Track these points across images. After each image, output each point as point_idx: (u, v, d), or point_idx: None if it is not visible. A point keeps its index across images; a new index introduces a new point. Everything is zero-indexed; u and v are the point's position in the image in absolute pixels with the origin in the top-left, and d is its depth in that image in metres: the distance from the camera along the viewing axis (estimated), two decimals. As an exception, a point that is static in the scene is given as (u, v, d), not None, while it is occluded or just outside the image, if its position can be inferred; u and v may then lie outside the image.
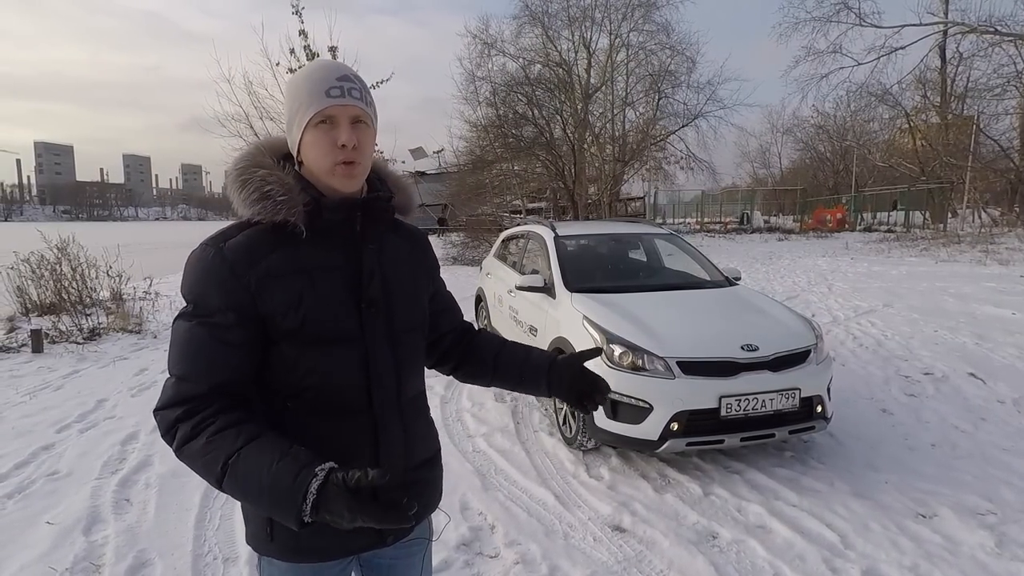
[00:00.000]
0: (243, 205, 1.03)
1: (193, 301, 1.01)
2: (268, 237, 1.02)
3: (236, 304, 0.99)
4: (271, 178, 1.02)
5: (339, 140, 1.01)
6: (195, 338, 0.99)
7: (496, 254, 6.21)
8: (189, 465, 0.95)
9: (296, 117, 1.04)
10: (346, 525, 0.83)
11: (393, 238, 1.17)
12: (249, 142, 1.11)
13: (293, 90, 1.05)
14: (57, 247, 7.55)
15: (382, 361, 1.09)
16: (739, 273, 4.68)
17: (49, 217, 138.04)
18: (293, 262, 1.02)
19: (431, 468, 1.24)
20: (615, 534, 2.75)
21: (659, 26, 20.46)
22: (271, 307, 1.00)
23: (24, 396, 4.75)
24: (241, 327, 0.99)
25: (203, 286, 0.99)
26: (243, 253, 1.00)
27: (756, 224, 27.35)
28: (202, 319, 0.99)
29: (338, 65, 1.05)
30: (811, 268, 12.69)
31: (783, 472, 3.32)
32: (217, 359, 0.99)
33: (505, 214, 18.51)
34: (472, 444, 3.79)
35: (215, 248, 1.00)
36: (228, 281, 0.98)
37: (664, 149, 22.54)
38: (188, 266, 1.02)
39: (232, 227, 1.05)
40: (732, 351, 3.24)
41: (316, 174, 1.05)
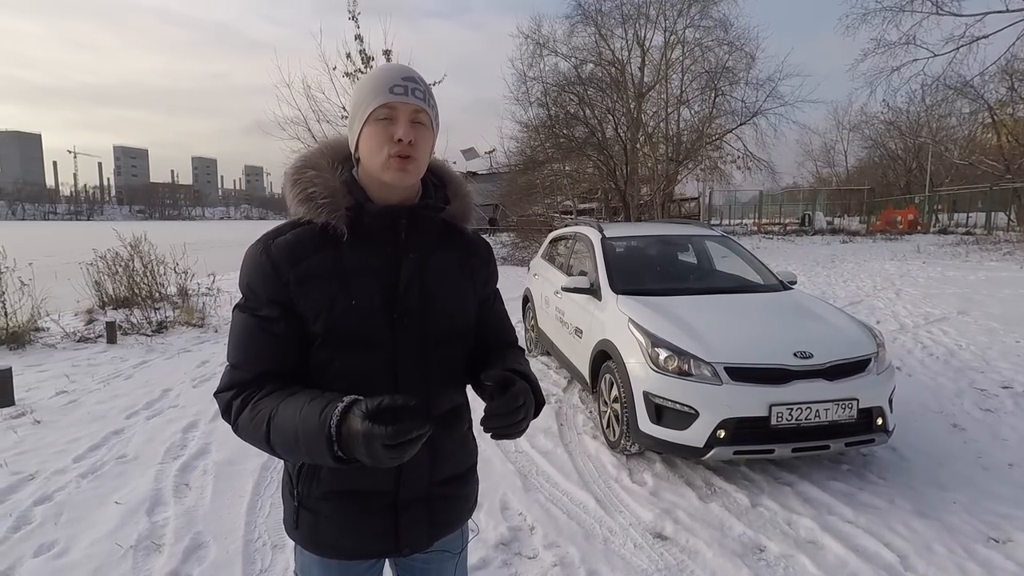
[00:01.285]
0: (293, 204, 1.06)
1: (245, 294, 1.06)
2: (314, 238, 1.04)
3: (278, 299, 1.02)
4: (317, 180, 1.05)
5: (396, 134, 1.02)
6: (245, 328, 1.04)
7: (543, 255, 6.20)
8: (245, 439, 1.01)
9: (358, 112, 1.05)
10: (364, 459, 0.84)
11: (442, 247, 1.14)
12: (315, 143, 1.13)
13: (359, 89, 1.06)
14: (130, 245, 8.06)
15: (411, 371, 1.08)
16: (794, 277, 4.49)
17: (125, 216, 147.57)
18: (332, 265, 1.03)
19: (460, 485, 1.20)
20: (656, 541, 2.69)
21: (717, 22, 19.91)
22: (305, 307, 1.03)
23: (99, 384, 5.09)
24: (284, 321, 1.03)
25: (252, 280, 1.04)
26: (287, 252, 1.03)
27: (818, 226, 26.16)
28: (252, 311, 1.04)
29: (406, 68, 1.07)
30: (877, 272, 12.03)
31: (838, 486, 3.16)
32: (264, 349, 1.03)
33: (556, 214, 18.44)
34: (514, 444, 3.78)
35: (264, 245, 1.04)
36: (271, 277, 1.02)
37: (720, 148, 21.87)
38: (245, 260, 1.07)
39: (286, 224, 1.08)
40: (784, 358, 3.11)
41: (370, 169, 1.05)
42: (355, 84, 0.99)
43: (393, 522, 1.09)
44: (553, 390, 4.83)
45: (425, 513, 1.12)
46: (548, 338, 5.31)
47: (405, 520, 1.10)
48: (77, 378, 5.24)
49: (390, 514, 1.09)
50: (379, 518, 1.09)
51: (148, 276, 8.05)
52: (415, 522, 1.11)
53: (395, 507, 1.09)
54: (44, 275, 7.20)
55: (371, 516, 1.09)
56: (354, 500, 1.07)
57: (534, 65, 19.75)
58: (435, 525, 1.15)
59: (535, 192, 19.62)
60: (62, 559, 2.55)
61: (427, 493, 1.12)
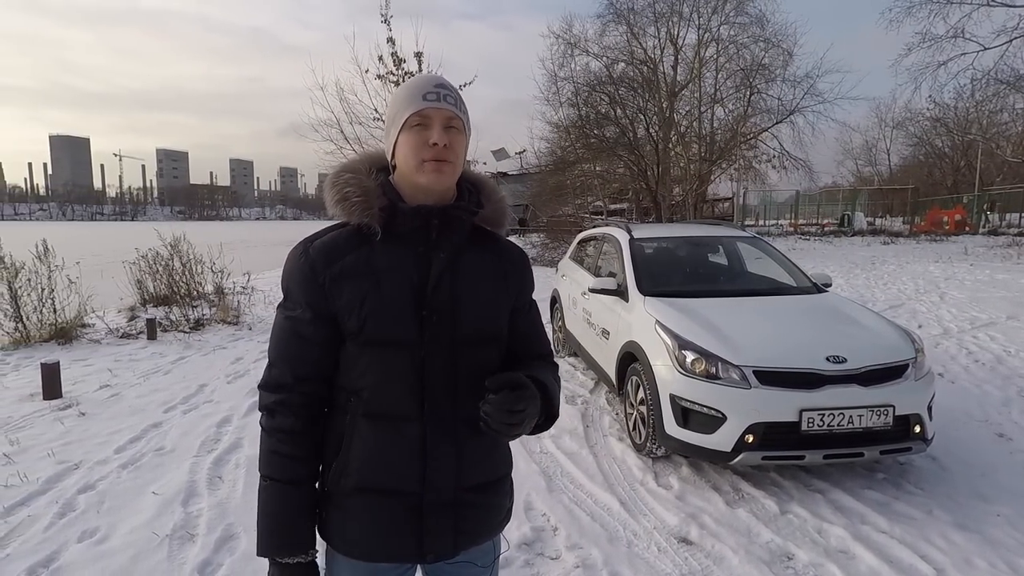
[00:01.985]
0: (330, 206, 1.10)
1: (284, 294, 1.11)
2: (350, 238, 1.08)
3: (313, 301, 1.06)
4: (353, 181, 1.08)
5: (431, 139, 1.05)
6: (282, 329, 1.10)
7: (572, 256, 6.18)
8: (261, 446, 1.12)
9: (395, 120, 1.09)
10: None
11: (474, 250, 1.15)
12: (347, 144, 1.13)
13: (394, 99, 1.11)
14: (170, 245, 8.35)
15: (438, 370, 1.08)
16: (829, 279, 4.37)
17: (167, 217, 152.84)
18: (365, 264, 1.06)
19: (490, 493, 1.17)
20: (681, 546, 2.66)
21: (753, 18, 19.50)
22: (338, 305, 1.06)
23: (139, 378, 5.29)
24: (316, 324, 1.06)
25: (290, 281, 1.09)
26: (323, 253, 1.07)
27: (858, 226, 25.34)
28: (289, 312, 1.09)
29: (437, 77, 1.11)
30: (921, 274, 11.59)
31: (872, 495, 3.06)
32: (298, 352, 1.08)
33: (586, 215, 18.35)
34: (539, 444, 3.78)
35: (303, 247, 1.09)
36: (308, 279, 1.06)
37: (755, 147, 21.40)
38: (286, 261, 1.12)
39: (327, 227, 1.13)
40: (816, 362, 3.03)
41: (405, 173, 1.08)
42: (390, 90, 1.03)
43: (417, 525, 1.08)
44: (580, 391, 4.81)
45: (451, 519, 1.10)
46: (575, 339, 5.29)
47: (429, 524, 1.09)
48: (119, 373, 5.45)
49: (414, 516, 1.08)
50: (402, 519, 1.08)
51: (186, 275, 8.33)
52: (440, 528, 1.10)
53: (420, 509, 1.08)
54: (90, 273, 7.52)
55: (394, 516, 1.08)
56: (379, 497, 1.08)
57: (565, 65, 19.73)
58: (461, 533, 1.12)
59: (565, 193, 19.57)
60: (103, 545, 2.66)
61: (453, 498, 1.10)
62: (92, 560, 2.55)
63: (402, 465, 1.07)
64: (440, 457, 1.08)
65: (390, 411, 1.07)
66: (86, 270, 7.47)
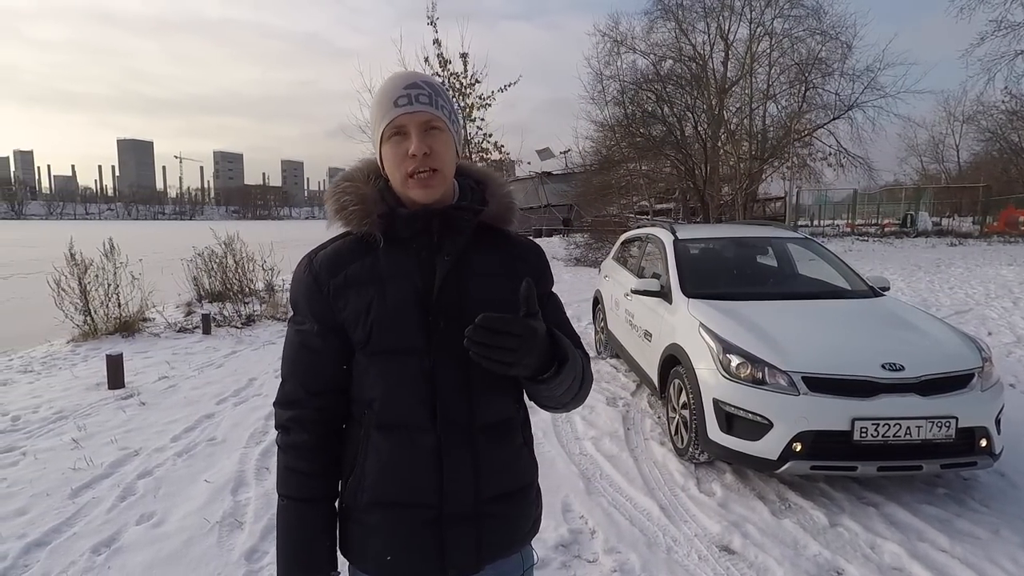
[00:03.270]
0: (331, 216, 1.08)
1: (293, 308, 1.10)
2: (353, 248, 1.06)
3: (319, 313, 1.05)
4: (350, 190, 1.05)
5: (410, 150, 0.99)
6: (292, 343, 1.08)
7: (615, 256, 6.10)
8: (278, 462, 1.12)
9: (374, 134, 1.06)
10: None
11: (482, 249, 1.09)
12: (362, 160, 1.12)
13: (372, 107, 1.07)
14: (224, 243, 8.71)
15: (450, 378, 1.03)
16: (887, 282, 4.16)
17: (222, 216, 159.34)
18: (369, 272, 1.04)
19: (514, 504, 1.11)
20: (723, 555, 2.58)
21: (809, 10, 18.71)
22: (345, 316, 1.03)
23: (194, 371, 5.54)
24: (325, 337, 1.05)
25: (298, 294, 1.08)
26: (327, 264, 1.05)
27: (922, 227, 24.03)
28: (298, 326, 1.08)
29: (408, 74, 1.03)
30: (992, 278, 10.90)
31: (932, 511, 2.90)
32: (309, 366, 1.07)
33: (631, 215, 18.11)
34: (579, 446, 3.75)
35: (308, 259, 1.07)
36: (313, 291, 1.05)
37: (810, 145, 20.56)
38: (294, 275, 1.10)
39: (332, 238, 1.11)
40: (870, 369, 2.89)
41: (396, 186, 1.05)
42: (374, 96, 0.91)
43: (438, 539, 1.04)
44: (621, 394, 4.75)
45: (473, 532, 1.05)
46: (617, 340, 5.22)
47: (451, 538, 1.04)
48: (176, 365, 5.73)
49: (434, 530, 1.04)
50: (423, 534, 1.04)
51: (239, 272, 8.68)
52: (461, 541, 1.05)
53: (439, 523, 1.03)
54: (151, 270, 7.92)
55: (413, 530, 1.04)
56: (397, 512, 1.04)
57: (611, 63, 19.47)
58: (485, 547, 1.06)
59: (610, 192, 19.35)
60: (159, 529, 2.80)
61: (474, 511, 1.05)
62: (149, 542, 2.68)
63: (417, 477, 1.03)
64: (457, 468, 1.03)
65: (402, 421, 1.03)
66: (147, 267, 7.88)
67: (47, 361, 6.00)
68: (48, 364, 5.89)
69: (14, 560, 2.55)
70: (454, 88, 19.40)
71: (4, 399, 4.76)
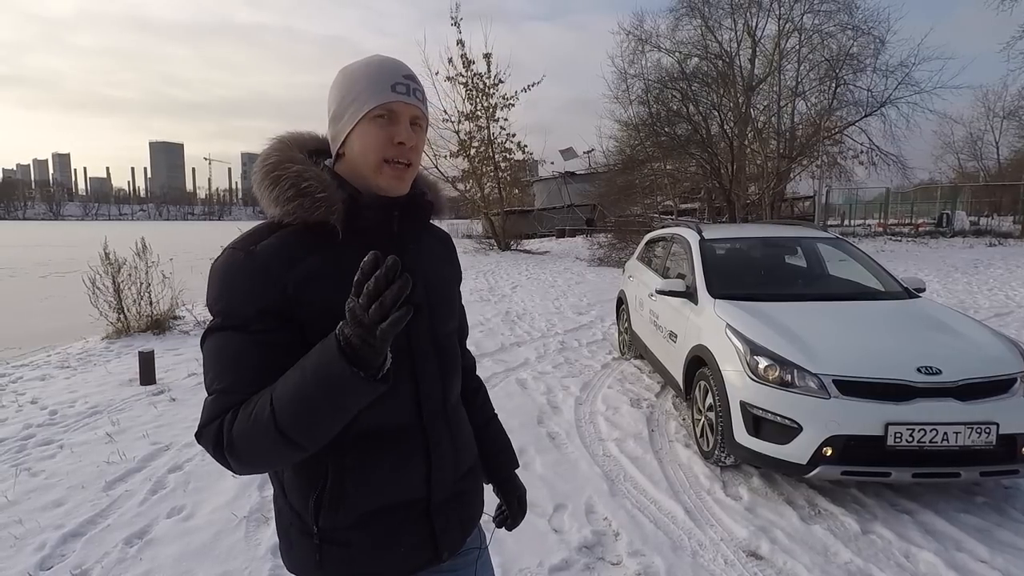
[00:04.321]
0: (274, 204, 0.94)
1: (224, 311, 0.91)
2: (303, 238, 0.94)
3: (274, 308, 0.90)
4: (307, 174, 0.94)
5: (397, 137, 0.96)
6: (234, 347, 0.89)
7: (639, 256, 6.05)
8: (245, 448, 0.85)
9: (350, 108, 0.96)
10: (374, 341, 0.75)
11: (429, 239, 1.12)
12: (273, 137, 1.02)
13: (348, 81, 0.97)
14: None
15: (429, 369, 1.03)
16: (922, 284, 4.04)
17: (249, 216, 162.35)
18: (333, 265, 0.93)
19: (475, 476, 1.17)
20: (750, 560, 2.53)
21: (840, 5, 18.24)
22: (311, 313, 0.91)
23: (225, 367, 5.64)
24: (282, 331, 0.90)
25: (234, 294, 0.90)
26: (278, 256, 0.92)
27: (959, 226, 23.28)
28: (238, 328, 0.89)
29: (404, 64, 1.00)
30: (1031, 280, 10.52)
31: (970, 520, 2.80)
32: (265, 364, 0.88)
33: (655, 215, 17.93)
34: (603, 448, 3.72)
35: (245, 252, 0.92)
36: (264, 286, 0.90)
37: (840, 142, 20.07)
38: (216, 274, 0.93)
39: (260, 229, 0.96)
40: (905, 372, 2.80)
41: (360, 170, 0.97)
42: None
43: (430, 529, 1.04)
44: (645, 395, 4.70)
45: (456, 512, 1.08)
46: (642, 341, 5.17)
47: (440, 524, 1.05)
48: (207, 362, 5.84)
49: (425, 522, 1.03)
50: (414, 529, 1.03)
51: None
52: (449, 523, 1.07)
53: (428, 513, 1.04)
54: (181, 269, 8.09)
55: (408, 529, 1.02)
56: (388, 517, 0.99)
57: (635, 62, 19.27)
58: (464, 521, 1.12)
59: (634, 192, 19.18)
60: (189, 522, 2.86)
61: (453, 490, 1.08)
62: (179, 535, 2.74)
63: (407, 475, 1.00)
64: (442, 455, 1.05)
65: (387, 423, 0.98)
66: (178, 266, 8.06)
67: (83, 357, 6.18)
68: (84, 360, 6.07)
69: (52, 549, 2.63)
70: (477, 88, 19.51)
71: (43, 394, 4.93)
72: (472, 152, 20.22)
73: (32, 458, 3.60)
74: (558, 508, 2.97)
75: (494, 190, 21.17)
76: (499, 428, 1.36)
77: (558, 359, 5.81)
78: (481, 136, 20.07)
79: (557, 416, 4.28)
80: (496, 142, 20.30)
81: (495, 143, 20.27)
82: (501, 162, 20.86)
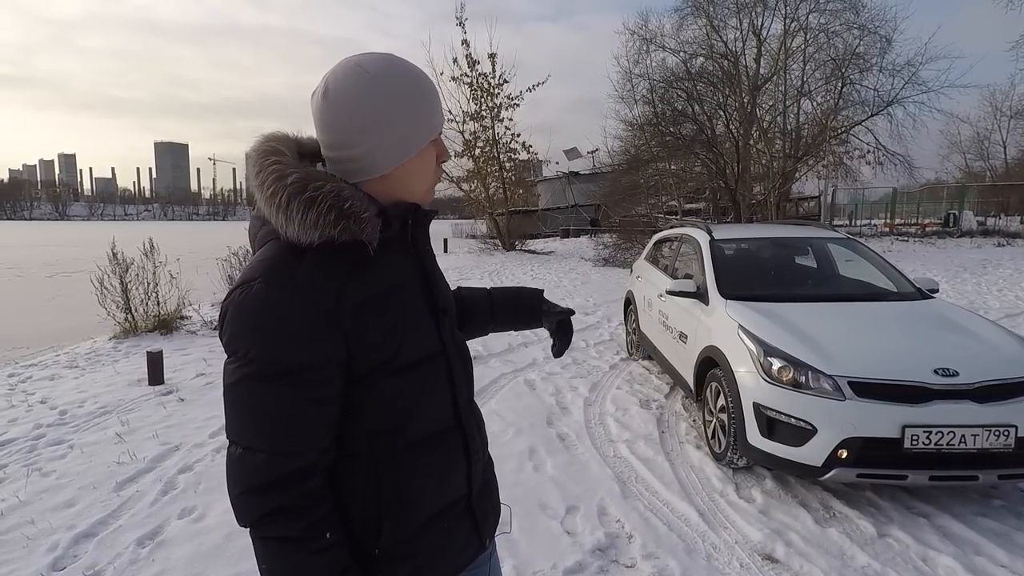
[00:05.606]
0: (312, 227, 0.84)
1: (268, 357, 0.82)
2: (339, 259, 0.87)
3: (330, 351, 0.84)
4: (345, 193, 0.86)
5: (443, 155, 1.00)
6: (283, 404, 0.83)
7: (647, 257, 6.02)
8: (267, 551, 0.87)
9: (420, 131, 0.94)
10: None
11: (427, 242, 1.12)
12: (266, 149, 0.90)
13: (413, 99, 0.92)
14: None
15: (459, 370, 1.05)
16: (935, 284, 4.00)
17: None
18: (377, 284, 0.91)
19: (492, 464, 1.20)
20: (765, 563, 2.51)
21: (846, 4, 18.15)
22: (366, 340, 0.87)
23: (233, 367, 5.64)
24: (334, 380, 0.86)
25: (285, 338, 0.82)
26: (324, 286, 0.85)
27: (966, 226, 23.14)
28: (290, 378, 0.82)
29: None
30: (1041, 280, 10.45)
31: (988, 523, 2.77)
32: (320, 423, 0.85)
33: (660, 215, 17.89)
34: (613, 449, 3.70)
35: (283, 286, 0.83)
36: (317, 325, 0.83)
37: (847, 142, 19.98)
38: (250, 312, 0.82)
39: (282, 256, 0.86)
40: (922, 374, 2.77)
41: (410, 190, 0.97)
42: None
43: (473, 521, 1.07)
44: (655, 396, 4.67)
45: (488, 498, 1.13)
46: (650, 342, 5.15)
47: (480, 514, 1.09)
48: (213, 362, 5.84)
49: (469, 515, 1.06)
50: (463, 524, 1.05)
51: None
52: (485, 512, 1.11)
53: (470, 506, 1.06)
54: (187, 269, 8.09)
55: (458, 526, 1.04)
56: (442, 519, 1.00)
57: (640, 62, 19.26)
58: (494, 507, 1.16)
59: (638, 192, 19.14)
60: (200, 523, 2.85)
61: (483, 479, 1.11)
62: (191, 536, 2.73)
63: (455, 474, 1.03)
64: (476, 449, 1.08)
65: (432, 430, 0.98)
66: (183, 267, 8.06)
67: (91, 357, 6.19)
68: (92, 360, 6.08)
69: (64, 550, 2.62)
70: (482, 88, 19.50)
71: (52, 393, 4.93)
72: (477, 152, 20.22)
73: (43, 458, 3.60)
74: (570, 510, 2.95)
75: (499, 190, 21.17)
76: (498, 289, 1.41)
77: (565, 359, 5.79)
78: (486, 136, 20.08)
79: (566, 417, 4.26)
80: (501, 142, 20.29)
81: (500, 143, 20.27)
82: (506, 162, 20.86)
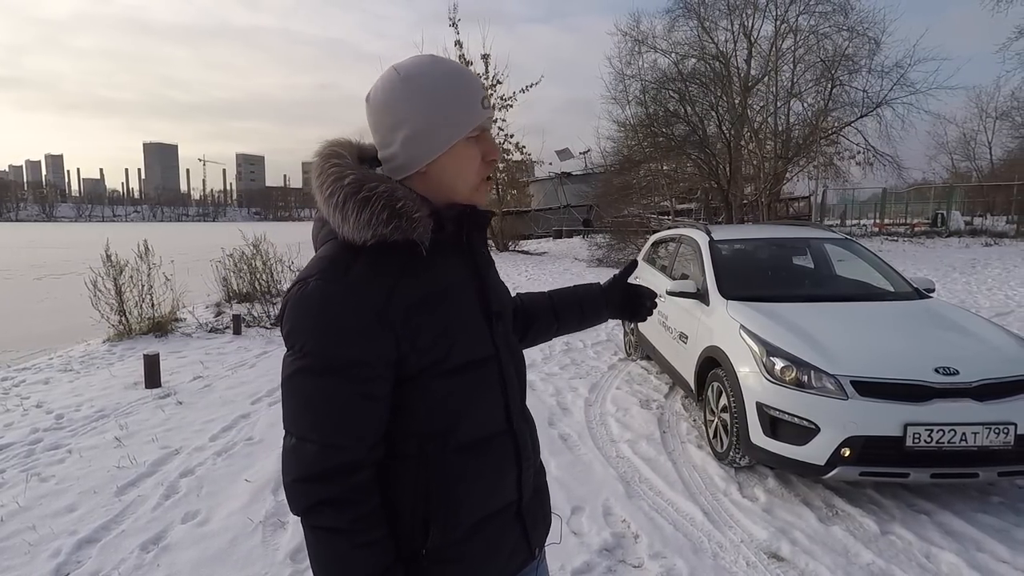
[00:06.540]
0: (365, 226, 0.86)
1: (321, 352, 0.85)
2: (391, 260, 0.89)
3: (381, 348, 0.86)
4: (398, 193, 0.88)
5: (491, 155, 0.97)
6: (338, 397, 0.85)
7: (645, 257, 6.05)
8: (315, 540, 0.88)
9: (442, 130, 0.91)
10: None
11: (483, 245, 1.10)
12: (327, 153, 0.92)
13: (429, 97, 0.90)
14: (253, 244, 8.82)
15: (511, 375, 1.03)
16: (932, 284, 4.06)
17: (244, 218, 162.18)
18: (429, 284, 0.91)
19: (544, 472, 1.16)
20: (771, 561, 2.53)
21: (835, 6, 18.31)
22: (417, 340, 0.88)
23: (228, 371, 5.61)
24: (384, 377, 0.88)
25: (338, 333, 0.84)
26: (376, 284, 0.86)
27: (954, 226, 23.42)
28: (346, 373, 0.85)
29: (472, 72, 0.99)
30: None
31: (988, 520, 2.81)
32: (369, 418, 0.88)
33: (652, 215, 17.97)
34: (616, 449, 3.71)
35: (338, 284, 0.85)
36: (369, 323, 0.85)
37: (837, 143, 20.18)
38: (306, 308, 0.85)
39: (338, 254, 0.89)
40: (923, 373, 2.81)
41: (454, 188, 0.95)
42: (413, 84, 0.82)
43: (522, 529, 1.04)
44: (654, 396, 4.69)
45: (538, 507, 1.10)
46: (649, 342, 5.17)
47: (530, 522, 1.06)
48: (210, 365, 5.80)
49: (518, 522, 1.04)
50: (512, 531, 1.03)
51: (267, 273, 8.78)
52: (536, 520, 1.08)
53: (520, 513, 1.04)
54: (180, 271, 8.03)
55: (507, 534, 1.02)
56: (491, 524, 0.99)
57: (632, 63, 19.31)
58: (545, 515, 1.13)
59: (631, 193, 19.19)
60: (204, 527, 2.83)
61: (534, 486, 1.08)
62: (195, 541, 2.71)
63: (505, 479, 1.01)
64: (528, 456, 1.05)
65: (483, 434, 0.97)
66: (176, 268, 8.01)
67: (85, 360, 6.13)
68: (86, 363, 6.02)
69: (67, 556, 2.59)
70: (476, 89, 19.45)
71: (47, 397, 4.88)
72: (470, 153, 20.17)
73: (41, 463, 3.56)
74: (576, 510, 2.96)
75: (492, 191, 21.18)
76: (555, 291, 1.40)
77: (564, 360, 5.80)
78: (479, 137, 20.02)
79: (568, 418, 4.27)
80: (494, 142, 20.26)
81: (493, 143, 20.23)
82: (499, 163, 20.86)
